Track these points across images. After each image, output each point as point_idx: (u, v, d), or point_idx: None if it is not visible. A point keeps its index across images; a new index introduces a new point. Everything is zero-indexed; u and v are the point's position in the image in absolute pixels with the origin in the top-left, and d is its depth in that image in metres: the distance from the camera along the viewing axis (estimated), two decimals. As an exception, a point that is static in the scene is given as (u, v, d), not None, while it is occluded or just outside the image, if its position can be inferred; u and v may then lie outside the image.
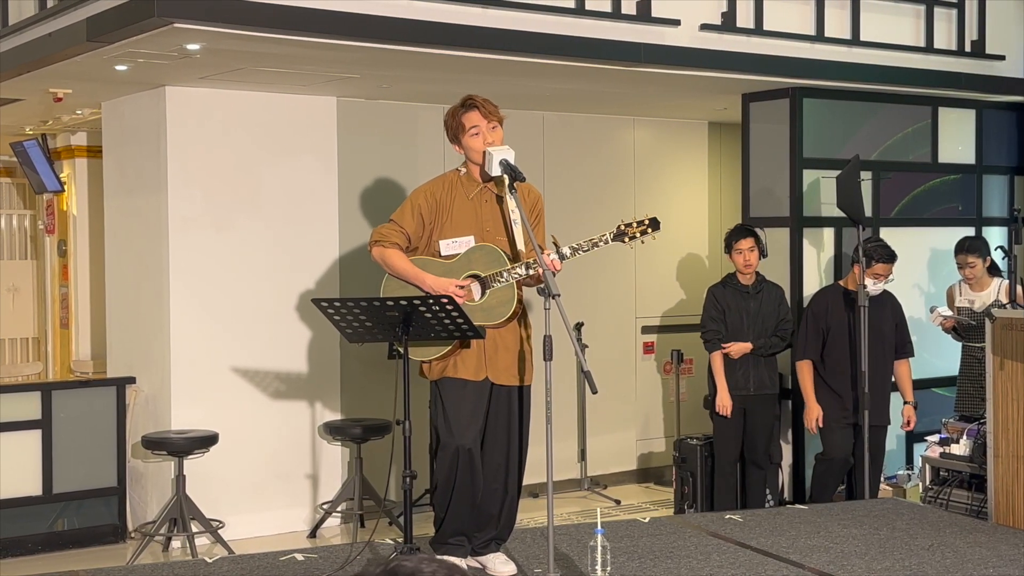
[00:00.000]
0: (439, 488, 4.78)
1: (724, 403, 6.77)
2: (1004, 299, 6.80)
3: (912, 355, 6.89)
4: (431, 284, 4.65)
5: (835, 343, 6.72)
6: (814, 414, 6.71)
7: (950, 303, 7.14)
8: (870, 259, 6.56)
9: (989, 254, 7.06)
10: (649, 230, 4.72)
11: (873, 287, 6.56)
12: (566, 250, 4.65)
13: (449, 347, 4.69)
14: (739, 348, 6.78)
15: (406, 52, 5.86)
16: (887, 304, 6.76)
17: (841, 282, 6.89)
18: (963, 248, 7.02)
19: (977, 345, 6.84)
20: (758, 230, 6.98)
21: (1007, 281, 6.98)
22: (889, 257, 6.60)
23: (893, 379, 6.86)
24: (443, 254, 4.76)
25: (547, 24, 6.05)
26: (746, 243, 6.81)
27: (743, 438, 6.89)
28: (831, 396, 6.73)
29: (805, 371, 6.79)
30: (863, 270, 6.53)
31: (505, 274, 4.66)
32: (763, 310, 6.84)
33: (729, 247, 6.88)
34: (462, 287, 4.64)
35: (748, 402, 6.83)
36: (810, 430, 6.78)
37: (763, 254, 6.90)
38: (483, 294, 4.70)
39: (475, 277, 4.71)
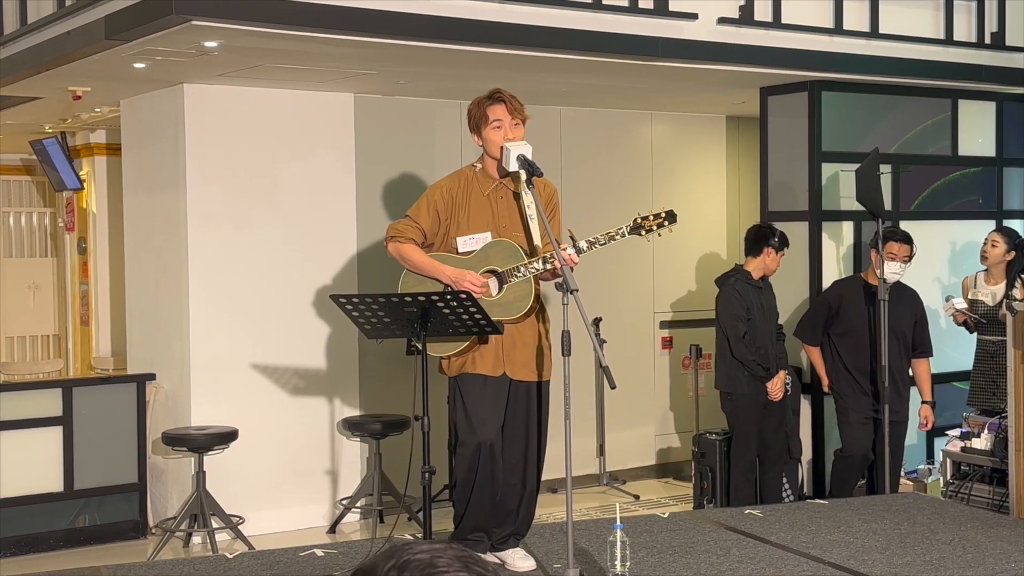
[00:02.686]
0: (459, 484, 4.78)
1: (774, 387, 6.71)
2: (1018, 294, 6.75)
3: (931, 354, 6.83)
4: (450, 275, 4.64)
5: (853, 336, 6.69)
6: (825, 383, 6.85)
7: (964, 295, 7.10)
8: (885, 240, 6.50)
9: (1016, 249, 7.00)
10: (666, 223, 4.71)
11: (889, 272, 6.49)
12: (583, 244, 4.64)
13: (467, 343, 4.69)
14: (775, 386, 6.76)
15: (423, 48, 5.86)
16: (907, 300, 6.72)
17: (862, 274, 6.85)
18: (995, 228, 7.25)
19: (990, 338, 6.80)
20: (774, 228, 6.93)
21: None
22: (904, 237, 6.57)
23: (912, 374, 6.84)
24: (460, 251, 4.75)
25: (565, 19, 6.04)
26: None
27: (760, 433, 6.86)
28: (851, 390, 6.71)
29: (814, 356, 6.84)
30: (880, 256, 6.48)
31: (522, 269, 4.65)
32: (770, 302, 6.83)
33: (759, 250, 6.79)
34: (479, 284, 4.64)
35: (764, 396, 6.81)
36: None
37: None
38: (500, 289, 4.70)
39: (492, 272, 4.70)
